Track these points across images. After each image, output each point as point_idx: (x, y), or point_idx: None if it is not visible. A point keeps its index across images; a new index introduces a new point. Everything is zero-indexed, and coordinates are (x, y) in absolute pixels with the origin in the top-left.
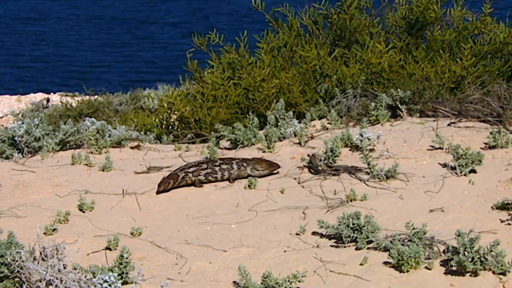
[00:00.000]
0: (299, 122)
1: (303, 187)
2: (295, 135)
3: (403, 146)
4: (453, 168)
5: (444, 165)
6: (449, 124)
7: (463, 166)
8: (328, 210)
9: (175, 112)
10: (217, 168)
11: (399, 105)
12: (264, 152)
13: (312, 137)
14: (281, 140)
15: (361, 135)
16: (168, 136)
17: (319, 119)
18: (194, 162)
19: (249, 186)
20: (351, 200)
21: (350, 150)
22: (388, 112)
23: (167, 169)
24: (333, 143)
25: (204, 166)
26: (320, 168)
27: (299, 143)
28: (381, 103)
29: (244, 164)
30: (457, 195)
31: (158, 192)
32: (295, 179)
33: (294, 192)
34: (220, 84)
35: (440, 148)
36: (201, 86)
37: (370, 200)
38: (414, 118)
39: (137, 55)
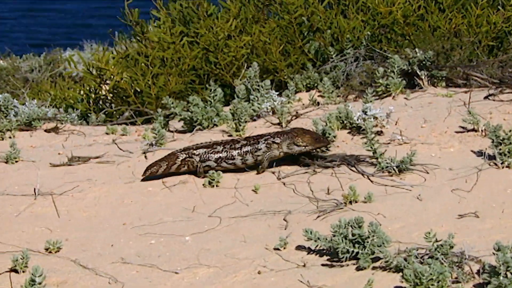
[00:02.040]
0: (280, 95)
1: (284, 184)
2: (273, 113)
3: (423, 127)
4: (492, 158)
5: (480, 153)
6: (486, 97)
7: (505, 155)
8: (318, 216)
9: (108, 82)
10: (235, 152)
11: (418, 71)
12: (231, 136)
13: (297, 115)
14: (254, 120)
15: (365, 113)
16: (98, 115)
17: (307, 91)
18: (208, 141)
19: (209, 183)
20: (350, 202)
21: (349, 133)
22: (403, 80)
23: (96, 160)
24: (326, 124)
25: (219, 148)
26: (308, 158)
27: (279, 124)
28: (392, 68)
29: (277, 140)
30: (497, 195)
31: (143, 179)
32: (273, 173)
33: (272, 191)
34: (170, 43)
35: (473, 130)
36: (143, 45)
37: (377, 202)
38: (438, 89)
39: (53, 6)
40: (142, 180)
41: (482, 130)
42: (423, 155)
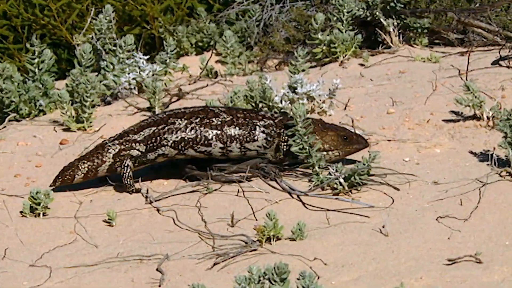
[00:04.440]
0: (151, 60)
1: (158, 210)
2: (140, 91)
3: (391, 112)
4: (504, 163)
5: (484, 156)
6: (496, 62)
7: None
8: (216, 263)
9: None
10: (212, 133)
11: (382, 19)
12: (69, 130)
13: (180, 95)
14: (108, 103)
15: (294, 90)
16: None
17: (197, 53)
18: (161, 113)
19: (32, 209)
20: (268, 239)
21: None
22: (357, 35)
23: None
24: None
25: (181, 123)
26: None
27: (151, 109)
28: (340, 15)
29: (282, 131)
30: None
31: (52, 186)
32: (139, 191)
33: (139, 222)
34: None
35: (474, 117)
36: None
37: (313, 239)
38: (416, 49)
39: None
40: (51, 186)
41: (488, 118)
42: (390, 160)
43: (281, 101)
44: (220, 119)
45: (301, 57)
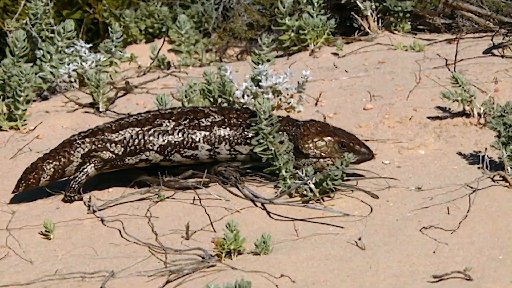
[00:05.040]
0: (94, 49)
1: (102, 221)
2: (82, 84)
3: (368, 108)
4: (497, 166)
5: (475, 158)
6: (489, 50)
7: None
8: (168, 281)
9: None
10: (199, 135)
11: (359, 2)
12: (0, 129)
13: (127, 89)
14: (45, 98)
15: (257, 82)
16: None
17: (148, 41)
18: (141, 113)
19: None
20: (228, 254)
21: None
22: (330, 20)
23: None
24: (183, 105)
25: (169, 124)
26: (144, 172)
27: (94, 105)
28: None
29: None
30: (506, 237)
31: (15, 191)
32: (80, 199)
33: (80, 234)
34: None
35: (463, 113)
36: None
37: (279, 253)
38: (397, 36)
39: None
40: (13, 199)
41: (479, 114)
42: (368, 163)
43: (243, 96)
44: (210, 119)
45: (265, 45)
